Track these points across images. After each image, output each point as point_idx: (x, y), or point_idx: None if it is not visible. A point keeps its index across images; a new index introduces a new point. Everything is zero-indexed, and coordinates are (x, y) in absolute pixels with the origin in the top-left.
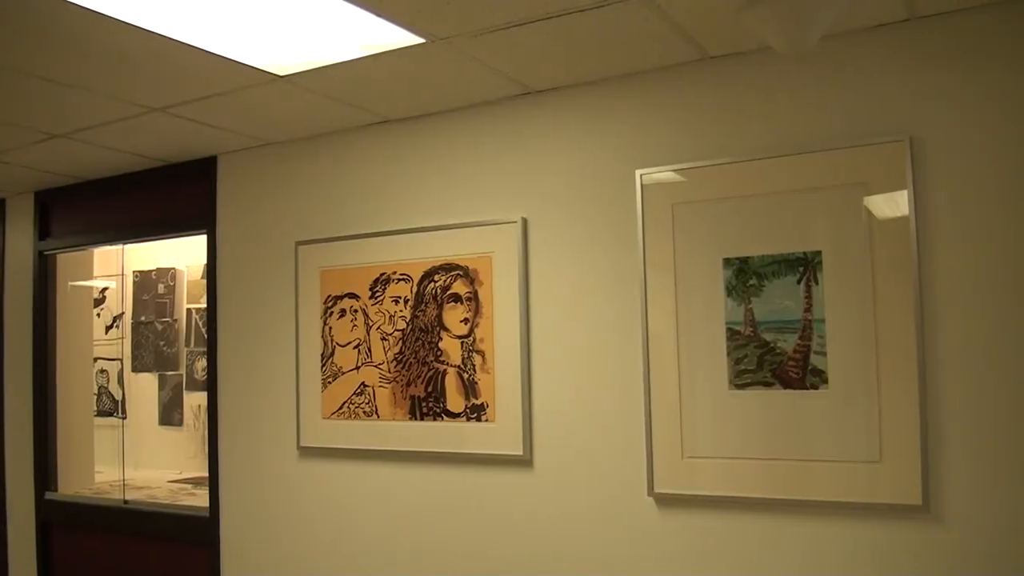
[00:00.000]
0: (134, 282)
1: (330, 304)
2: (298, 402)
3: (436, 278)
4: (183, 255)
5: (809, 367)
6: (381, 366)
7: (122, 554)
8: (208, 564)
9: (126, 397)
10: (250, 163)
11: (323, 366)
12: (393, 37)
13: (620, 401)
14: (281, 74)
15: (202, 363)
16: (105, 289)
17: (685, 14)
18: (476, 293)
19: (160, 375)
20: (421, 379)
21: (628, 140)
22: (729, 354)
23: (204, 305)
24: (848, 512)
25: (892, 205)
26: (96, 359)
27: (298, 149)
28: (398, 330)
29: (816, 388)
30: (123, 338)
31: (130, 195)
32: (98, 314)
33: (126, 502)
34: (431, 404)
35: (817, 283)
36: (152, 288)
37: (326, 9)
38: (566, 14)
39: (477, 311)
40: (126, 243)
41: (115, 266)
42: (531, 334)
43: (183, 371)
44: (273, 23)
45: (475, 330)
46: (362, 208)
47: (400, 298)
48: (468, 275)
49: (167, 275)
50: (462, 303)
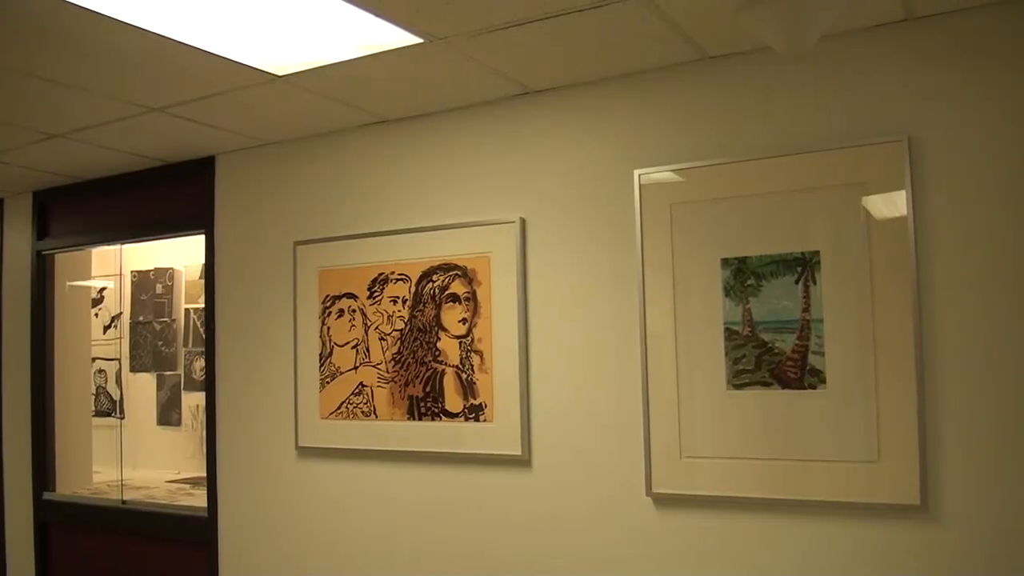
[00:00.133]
0: (132, 282)
1: (328, 304)
2: (296, 402)
3: (434, 278)
4: (181, 255)
5: (807, 367)
6: (379, 366)
7: (120, 554)
8: (206, 564)
9: (124, 397)
10: (248, 163)
11: (321, 366)
12: (391, 37)
13: (618, 401)
14: (279, 74)
15: (200, 363)
16: (103, 289)
17: (684, 14)
18: (474, 293)
19: (158, 375)
20: (419, 379)
21: (626, 140)
22: (727, 354)
23: (202, 305)
24: (846, 512)
25: (890, 205)
26: (94, 359)
27: (296, 149)
28: (396, 330)
29: (814, 388)
30: (121, 338)
31: (128, 195)
32: (96, 314)
33: (124, 502)
34: (429, 404)
35: (815, 283)
36: (150, 288)
37: (324, 9)
38: (564, 14)
39: (475, 311)
40: (124, 243)
41: (113, 266)
42: (529, 334)
43: (181, 371)
44: (271, 23)
45: (473, 330)
46: (360, 208)
47: (398, 298)
48: (466, 275)
49: (165, 275)
50: (460, 303)
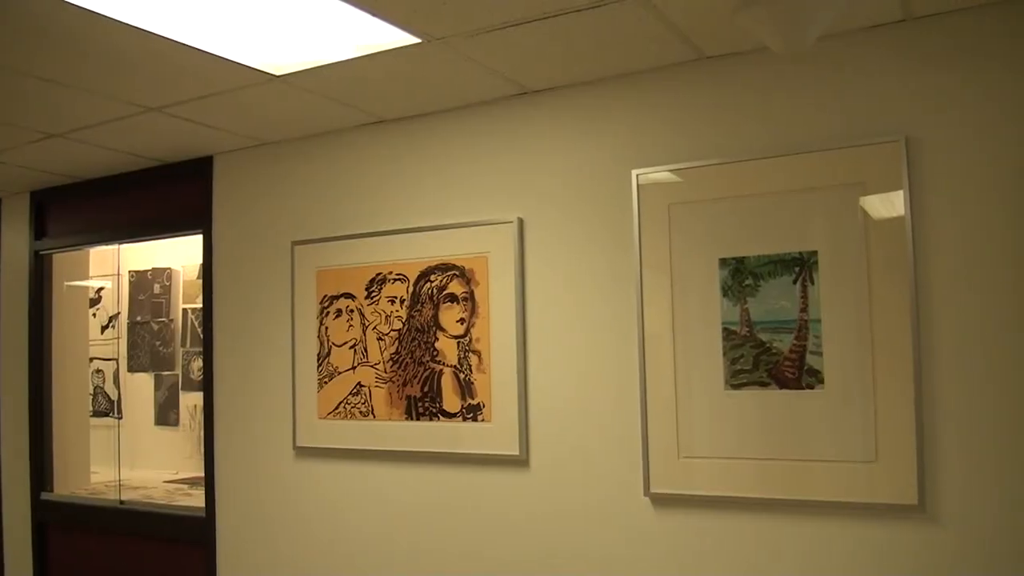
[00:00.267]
0: (130, 282)
1: (326, 304)
2: (294, 402)
3: (432, 278)
4: (179, 255)
5: (805, 367)
6: (377, 366)
7: (118, 554)
8: (204, 564)
9: (122, 397)
10: (246, 163)
11: (319, 366)
12: (389, 37)
13: (616, 401)
14: (277, 74)
15: (198, 363)
16: (101, 289)
17: (681, 14)
18: (472, 293)
19: (156, 375)
20: (417, 379)
21: (624, 140)
22: (725, 354)
23: (200, 305)
24: (844, 512)
25: (888, 205)
26: (92, 359)
27: (294, 149)
28: (394, 330)
29: (812, 388)
30: (119, 338)
31: (126, 195)
32: (94, 314)
33: (122, 502)
34: (427, 404)
35: (813, 283)
36: (148, 288)
37: (322, 9)
38: (562, 14)
39: (473, 311)
40: (122, 243)
41: (111, 266)
42: (527, 334)
43: (179, 371)
44: (269, 23)
45: (471, 330)
46: (358, 208)
47: (396, 298)
48: (464, 275)
49: (163, 275)
50: (458, 303)
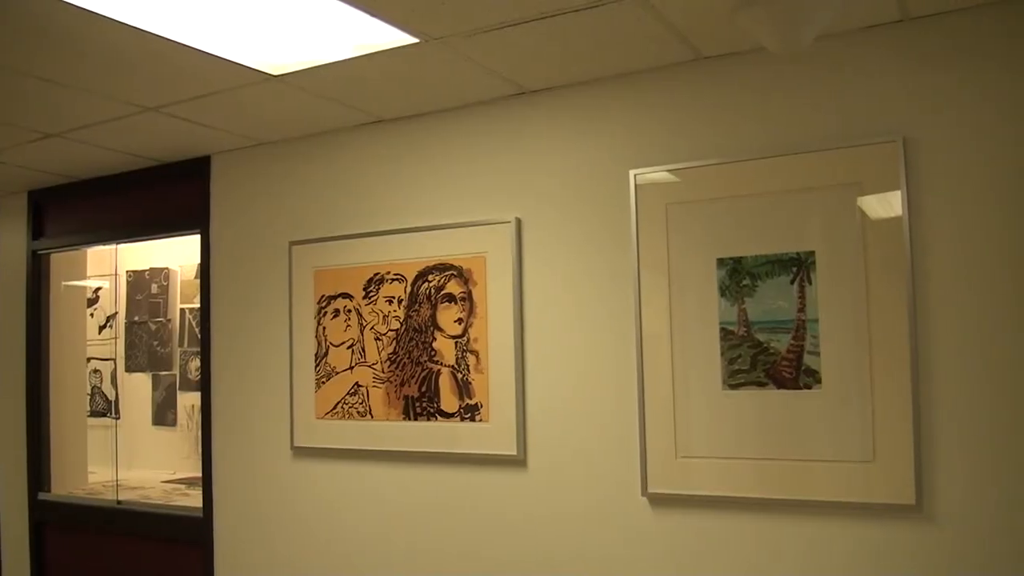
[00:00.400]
0: (127, 282)
1: (324, 304)
2: (292, 402)
3: (430, 278)
4: (176, 255)
5: (802, 367)
6: (375, 366)
7: (115, 555)
8: (202, 565)
9: (119, 397)
10: (244, 163)
11: (317, 366)
12: (387, 37)
13: (614, 401)
14: (275, 74)
15: (196, 363)
16: (98, 289)
17: (679, 14)
18: (470, 293)
19: (154, 375)
20: (415, 379)
21: (622, 140)
22: (723, 354)
23: (198, 305)
24: (842, 512)
25: (885, 205)
26: (89, 359)
27: (292, 149)
28: (392, 330)
29: (809, 388)
30: (116, 338)
31: (124, 195)
32: (91, 314)
33: (119, 502)
34: (425, 404)
35: (810, 283)
36: (145, 288)
37: (320, 9)
38: (560, 14)
39: (471, 311)
40: (119, 243)
41: (108, 266)
42: (525, 334)
43: (176, 371)
44: (267, 23)
45: (469, 330)
46: (356, 208)
47: (394, 298)
48: (462, 275)
49: (160, 275)
50: (456, 303)
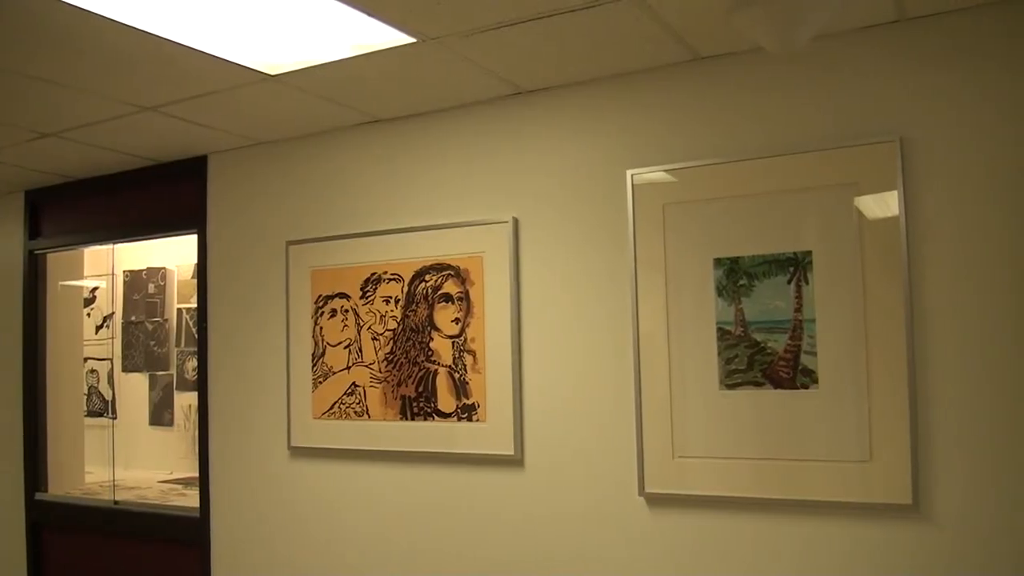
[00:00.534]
0: (124, 282)
1: (321, 304)
2: (289, 402)
3: (427, 278)
4: (173, 255)
5: (799, 367)
6: (372, 366)
7: (112, 555)
8: (198, 565)
9: (116, 397)
10: (241, 162)
11: (314, 366)
12: (384, 37)
13: (611, 401)
14: (272, 73)
15: (192, 363)
16: (95, 289)
17: (676, 14)
18: (467, 293)
19: (150, 375)
20: (412, 379)
21: (619, 140)
22: (720, 354)
23: (195, 305)
24: (839, 512)
25: (882, 205)
26: (86, 359)
27: (289, 148)
28: (389, 330)
29: (806, 388)
30: (113, 338)
31: (121, 194)
32: (88, 314)
33: (116, 503)
34: (422, 404)
35: (807, 283)
36: (142, 288)
37: (317, 8)
38: (557, 14)
39: (468, 311)
40: (116, 243)
41: (105, 266)
42: (522, 334)
43: (173, 371)
44: (264, 22)
45: (466, 330)
46: (353, 208)
47: (391, 298)
48: (459, 275)
49: (157, 275)
50: (453, 303)
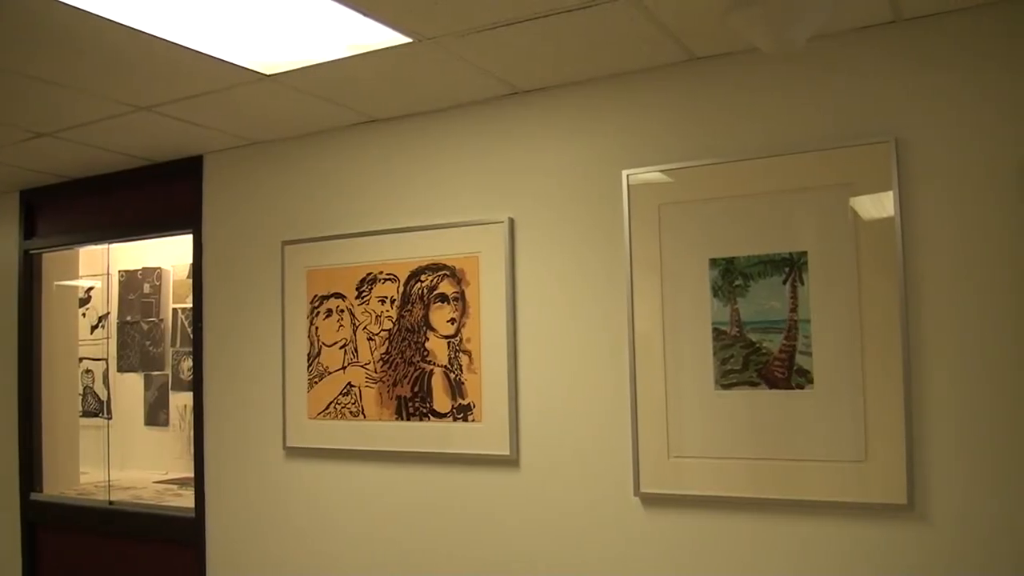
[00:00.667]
0: (120, 282)
1: (316, 304)
2: (284, 402)
3: (423, 278)
4: (169, 255)
5: (794, 367)
6: (367, 366)
7: (108, 555)
8: (194, 565)
9: (111, 397)
10: (236, 162)
11: (309, 366)
12: (380, 36)
13: (606, 401)
14: (268, 73)
15: (188, 363)
16: (91, 289)
17: (672, 15)
18: (463, 293)
19: (146, 375)
20: (407, 379)
21: (615, 140)
22: (715, 354)
23: (190, 305)
24: (834, 511)
25: (878, 206)
26: (81, 359)
27: (285, 148)
28: (384, 330)
29: (802, 388)
30: (108, 338)
31: (116, 194)
32: (83, 314)
33: (111, 503)
34: (417, 404)
35: (803, 283)
36: (138, 288)
37: (313, 8)
38: (553, 14)
39: (464, 311)
40: (112, 242)
41: (101, 265)
42: (518, 334)
43: (169, 371)
44: (260, 22)
45: (462, 330)
46: (349, 208)
47: (386, 298)
48: (455, 275)
49: (153, 275)
50: (449, 303)
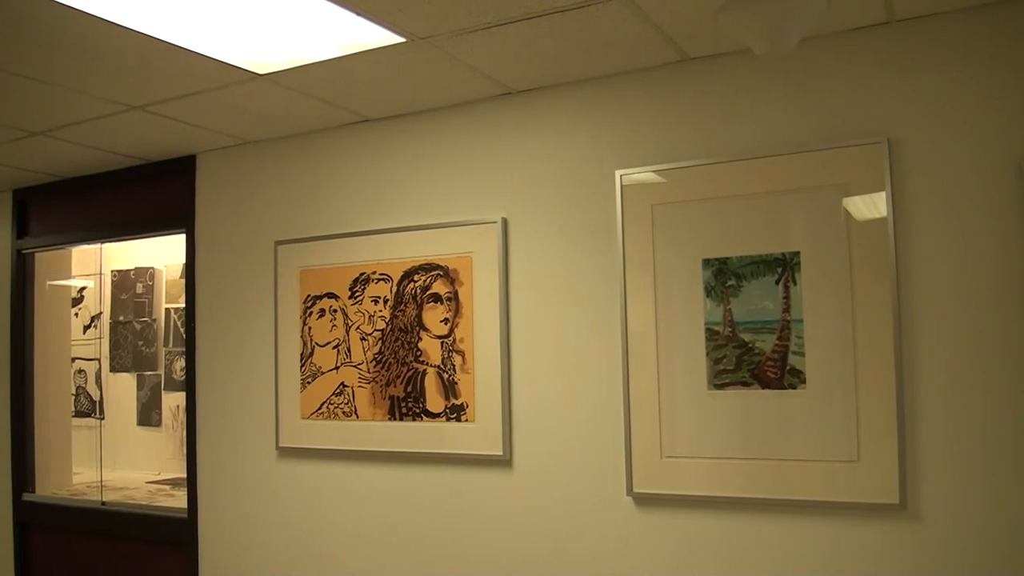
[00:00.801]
0: (112, 281)
1: (309, 304)
2: (277, 402)
3: (416, 278)
4: (162, 254)
5: (787, 367)
6: (360, 366)
7: (100, 556)
8: (186, 565)
9: (104, 397)
10: (229, 162)
11: (302, 366)
12: (373, 36)
13: (600, 401)
14: (261, 72)
15: (181, 363)
16: (83, 288)
17: (665, 16)
18: (456, 293)
19: (138, 375)
20: (400, 379)
21: (608, 141)
22: (708, 354)
23: (183, 305)
24: (827, 511)
25: (870, 206)
26: (74, 359)
27: (278, 148)
28: (378, 330)
29: (794, 388)
30: (101, 338)
31: (109, 194)
32: (76, 314)
33: (104, 503)
34: (410, 404)
35: (795, 284)
36: (130, 287)
37: (306, 7)
38: (547, 15)
39: (457, 311)
40: (104, 242)
41: (93, 265)
42: (511, 334)
43: (161, 371)
44: (253, 21)
45: (455, 330)
46: (342, 207)
47: (380, 298)
48: (448, 275)
49: (146, 274)
50: (442, 303)
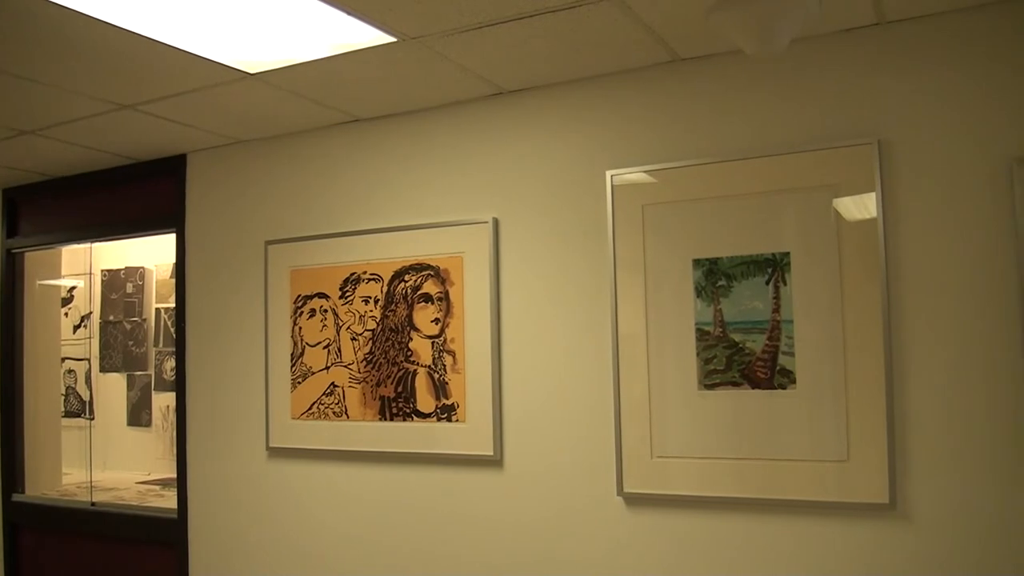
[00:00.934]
0: (102, 281)
1: (300, 304)
2: (267, 402)
3: (407, 278)
4: (152, 254)
5: (777, 367)
6: (351, 366)
7: (90, 556)
8: (176, 566)
9: (94, 398)
10: (220, 161)
11: (293, 366)
12: (364, 36)
13: (590, 401)
14: (252, 72)
15: (171, 363)
16: (73, 288)
17: (656, 16)
18: (447, 293)
19: (128, 375)
20: (391, 379)
21: (599, 141)
22: (698, 354)
23: (173, 305)
24: (817, 511)
25: (861, 207)
26: (64, 359)
27: (268, 147)
28: (368, 330)
29: (784, 388)
30: (91, 338)
31: (99, 193)
32: (66, 313)
33: (94, 504)
34: (401, 404)
35: (785, 284)
36: (120, 287)
37: (297, 7)
38: (538, 15)
39: (448, 311)
40: (94, 241)
41: (83, 265)
42: (502, 334)
43: (151, 371)
44: (244, 21)
45: (446, 330)
46: (332, 207)
47: (370, 298)
48: (439, 275)
49: (136, 274)
50: (433, 303)
